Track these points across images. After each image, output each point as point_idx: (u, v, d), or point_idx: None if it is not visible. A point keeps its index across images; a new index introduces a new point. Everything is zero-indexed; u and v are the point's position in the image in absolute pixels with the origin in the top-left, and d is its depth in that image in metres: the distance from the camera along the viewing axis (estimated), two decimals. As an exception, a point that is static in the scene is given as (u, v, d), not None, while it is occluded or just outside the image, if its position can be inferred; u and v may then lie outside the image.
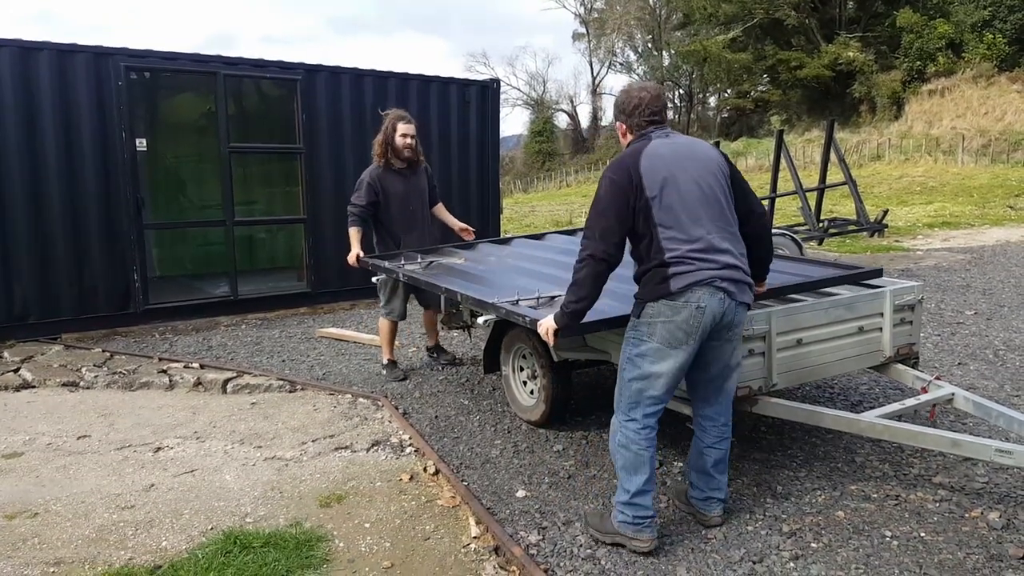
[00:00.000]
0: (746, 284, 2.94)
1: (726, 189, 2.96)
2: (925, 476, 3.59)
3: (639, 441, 2.93)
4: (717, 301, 2.82)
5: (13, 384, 5.45)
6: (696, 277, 2.80)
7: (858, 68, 33.97)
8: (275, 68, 7.78)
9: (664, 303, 2.83)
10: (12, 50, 6.37)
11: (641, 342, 2.90)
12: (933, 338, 6.20)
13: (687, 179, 2.86)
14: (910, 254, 11.75)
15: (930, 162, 27.51)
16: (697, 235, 2.83)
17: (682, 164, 2.89)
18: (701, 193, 2.87)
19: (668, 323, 2.83)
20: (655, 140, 2.95)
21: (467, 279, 4.57)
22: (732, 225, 2.96)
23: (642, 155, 2.88)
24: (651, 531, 2.97)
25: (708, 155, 3.00)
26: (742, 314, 2.97)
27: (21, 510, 3.43)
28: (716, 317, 2.84)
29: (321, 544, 3.10)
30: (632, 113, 3.02)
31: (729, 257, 2.87)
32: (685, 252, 2.81)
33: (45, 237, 6.63)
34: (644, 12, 52.32)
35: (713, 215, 2.88)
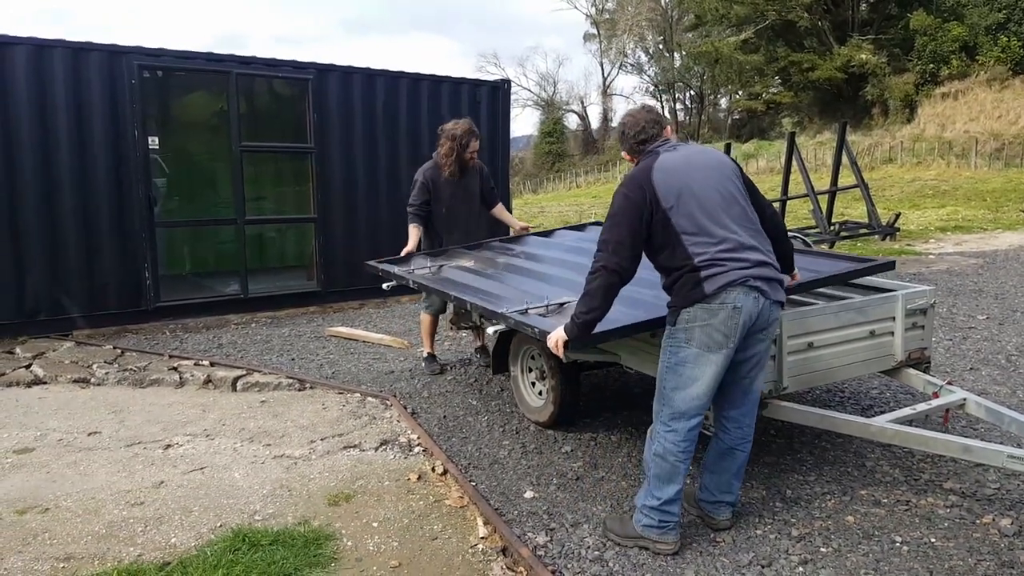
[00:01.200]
0: (778, 281, 2.95)
1: (743, 190, 3.00)
2: (936, 482, 3.56)
3: (677, 453, 2.93)
4: (752, 300, 2.82)
5: (25, 380, 5.49)
6: (729, 278, 2.80)
7: (871, 70, 33.78)
8: (287, 68, 7.81)
9: (700, 307, 2.82)
10: (27, 48, 6.41)
11: (680, 348, 2.89)
12: (945, 343, 6.16)
13: (703, 185, 2.89)
14: (922, 258, 11.67)
15: (943, 165, 27.32)
16: (723, 236, 2.84)
17: (695, 172, 2.92)
18: (720, 196, 2.90)
19: (706, 326, 2.82)
20: (663, 154, 2.98)
21: (477, 284, 4.54)
22: (756, 224, 2.98)
23: (653, 169, 2.91)
24: (676, 533, 3.00)
25: (720, 160, 3.05)
26: (776, 312, 2.97)
27: (32, 505, 3.46)
28: (752, 316, 2.85)
29: (329, 542, 3.11)
30: (635, 136, 3.08)
31: (758, 255, 2.88)
32: (715, 254, 2.82)
33: (57, 234, 6.68)
34: (655, 13, 52.20)
35: (736, 216, 2.90)
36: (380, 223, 8.23)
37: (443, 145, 5.28)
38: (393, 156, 8.38)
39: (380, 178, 8.33)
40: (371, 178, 8.28)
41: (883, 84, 33.75)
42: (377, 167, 8.31)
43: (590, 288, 2.91)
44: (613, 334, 3.27)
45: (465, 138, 5.24)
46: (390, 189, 8.31)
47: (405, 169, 8.25)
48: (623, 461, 3.91)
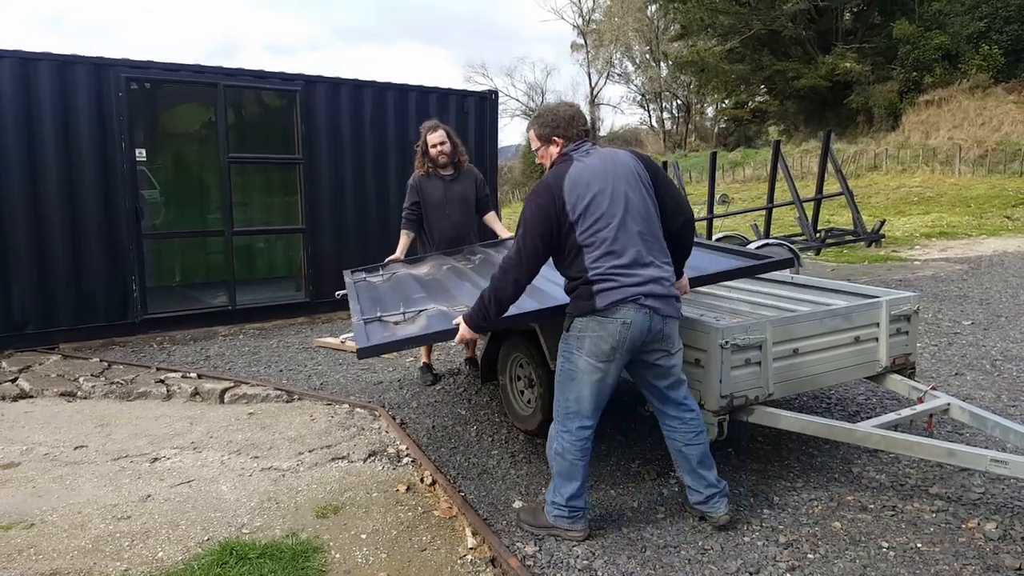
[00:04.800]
0: (672, 297, 3.03)
1: (650, 196, 3.05)
2: (922, 487, 3.59)
3: (574, 452, 3.08)
4: (643, 316, 2.92)
5: (11, 394, 5.44)
6: (620, 295, 2.90)
7: (855, 79, 34.09)
8: (275, 79, 7.82)
9: (592, 319, 2.94)
10: (12, 61, 6.39)
11: (572, 355, 3.03)
12: (930, 348, 6.21)
13: (610, 195, 2.95)
14: (907, 264, 11.78)
15: (927, 172, 27.56)
16: (621, 251, 2.93)
17: (604, 181, 2.97)
18: (625, 208, 2.96)
19: (596, 338, 2.94)
20: (576, 162, 3.03)
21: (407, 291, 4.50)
22: (657, 235, 3.05)
23: (565, 177, 2.98)
24: (584, 522, 3.17)
25: (627, 166, 3.06)
26: (671, 325, 3.05)
27: (17, 520, 3.43)
28: (643, 331, 2.95)
29: (317, 555, 3.10)
30: (568, 125, 3.12)
31: (653, 270, 2.97)
32: (607, 269, 2.92)
33: (44, 247, 6.64)
34: (642, 23, 52.53)
35: (638, 228, 2.97)
36: (369, 233, 8.24)
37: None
38: (381, 167, 8.39)
39: (368, 189, 8.33)
40: (359, 189, 8.28)
41: (867, 92, 34.04)
42: (365, 178, 8.32)
43: (501, 296, 3.03)
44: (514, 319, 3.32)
45: (424, 135, 5.24)
46: (378, 200, 8.32)
47: (393, 180, 8.27)
48: (612, 470, 3.92)
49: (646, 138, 54.94)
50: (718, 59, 38.90)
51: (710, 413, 3.35)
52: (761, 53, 38.58)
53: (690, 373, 3.43)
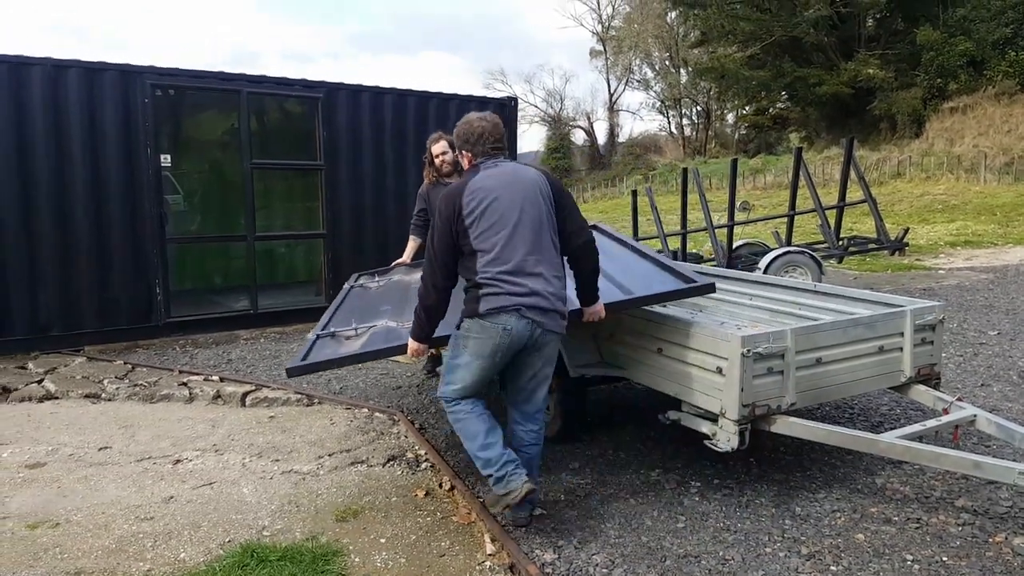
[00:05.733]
0: (555, 312, 3.13)
1: (548, 213, 3.17)
2: (947, 499, 3.54)
3: (462, 411, 3.23)
4: (523, 325, 3.06)
5: (37, 395, 5.53)
6: (502, 302, 3.04)
7: (878, 85, 33.78)
8: (298, 86, 7.90)
9: (477, 321, 3.09)
10: (44, 68, 6.52)
11: (458, 351, 3.20)
12: (955, 359, 6.12)
13: (506, 206, 3.09)
14: (932, 273, 11.63)
15: (952, 180, 27.22)
16: (508, 259, 3.06)
17: (503, 191, 3.11)
18: (519, 219, 3.09)
19: (479, 339, 3.10)
20: (483, 171, 3.19)
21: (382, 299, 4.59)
22: (550, 250, 3.16)
23: (467, 185, 3.14)
24: (517, 478, 3.09)
25: (531, 182, 3.18)
26: (548, 337, 3.16)
27: (43, 520, 3.48)
28: (523, 339, 3.08)
29: (337, 559, 3.11)
30: (477, 142, 3.26)
31: (539, 283, 3.07)
32: (494, 276, 3.05)
33: (70, 250, 6.75)
34: (661, 30, 52.47)
35: (529, 239, 3.09)
36: (388, 239, 8.28)
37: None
38: (401, 173, 8.44)
39: (388, 195, 8.39)
40: (379, 195, 8.34)
41: (890, 99, 33.71)
42: (385, 184, 8.37)
43: (428, 303, 3.21)
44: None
45: (429, 146, 5.43)
46: (397, 205, 8.36)
47: (412, 186, 8.29)
48: (631, 478, 3.90)
49: (665, 144, 54.82)
50: (738, 65, 38.72)
51: (731, 422, 3.32)
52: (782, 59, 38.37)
53: (711, 381, 3.41)
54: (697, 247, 14.01)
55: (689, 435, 3.79)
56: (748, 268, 9.49)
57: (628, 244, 4.72)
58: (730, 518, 3.42)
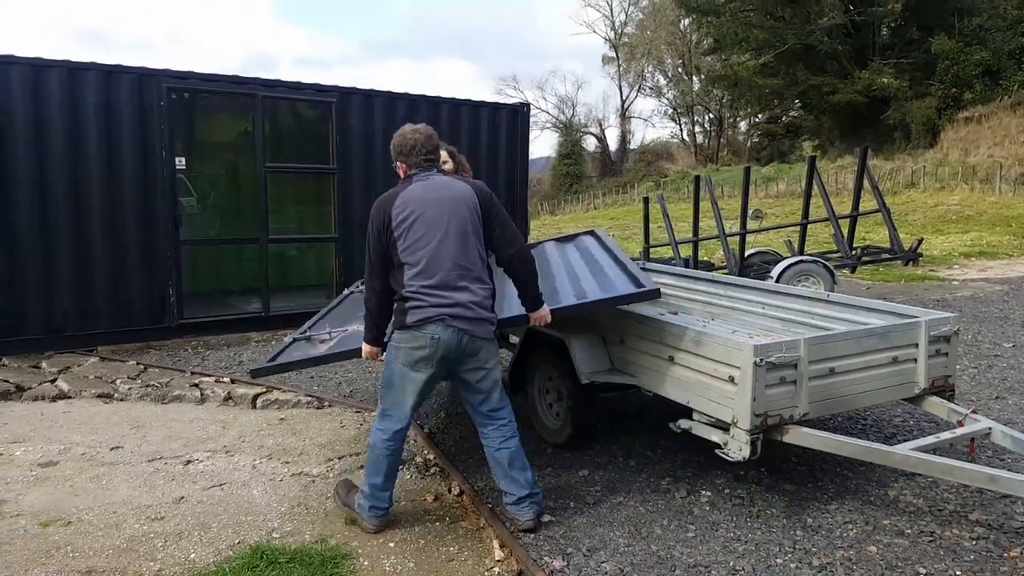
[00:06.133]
0: (483, 320, 3.25)
1: (476, 226, 3.27)
2: (961, 512, 3.51)
3: (383, 447, 3.35)
4: (450, 334, 3.17)
5: (50, 394, 5.57)
6: (427, 314, 3.16)
7: (892, 94, 33.60)
8: (311, 91, 7.94)
9: (406, 332, 3.21)
10: (62, 71, 6.58)
11: (391, 363, 3.31)
12: (969, 371, 6.07)
13: (433, 219, 3.20)
14: (946, 284, 11.54)
15: (966, 190, 27.00)
16: (432, 272, 3.17)
17: (431, 204, 3.22)
18: (444, 233, 3.19)
19: (409, 351, 3.22)
20: (414, 183, 3.31)
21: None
22: (476, 262, 3.26)
23: (397, 196, 3.25)
24: (380, 519, 3.38)
25: (461, 195, 3.28)
26: (479, 344, 3.27)
27: (55, 518, 3.50)
28: (451, 348, 3.19)
29: (346, 561, 3.11)
30: (410, 153, 3.38)
31: (463, 295, 3.19)
32: (419, 288, 3.17)
33: (85, 250, 6.80)
34: (674, 37, 52.47)
35: (454, 253, 3.20)
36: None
37: None
38: (414, 177, 8.45)
39: (401, 199, 8.39)
40: (392, 199, 8.35)
41: (905, 108, 33.53)
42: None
43: (369, 307, 3.37)
44: None
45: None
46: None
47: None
48: (641, 486, 3.89)
49: (677, 152, 54.74)
50: (751, 73, 38.61)
51: (743, 432, 3.30)
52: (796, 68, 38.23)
53: (723, 390, 3.39)
54: (709, 255, 13.97)
55: (700, 444, 3.77)
56: (760, 277, 9.45)
57: (611, 250, 4.72)
58: (741, 528, 3.40)
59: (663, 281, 6.09)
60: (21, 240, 6.53)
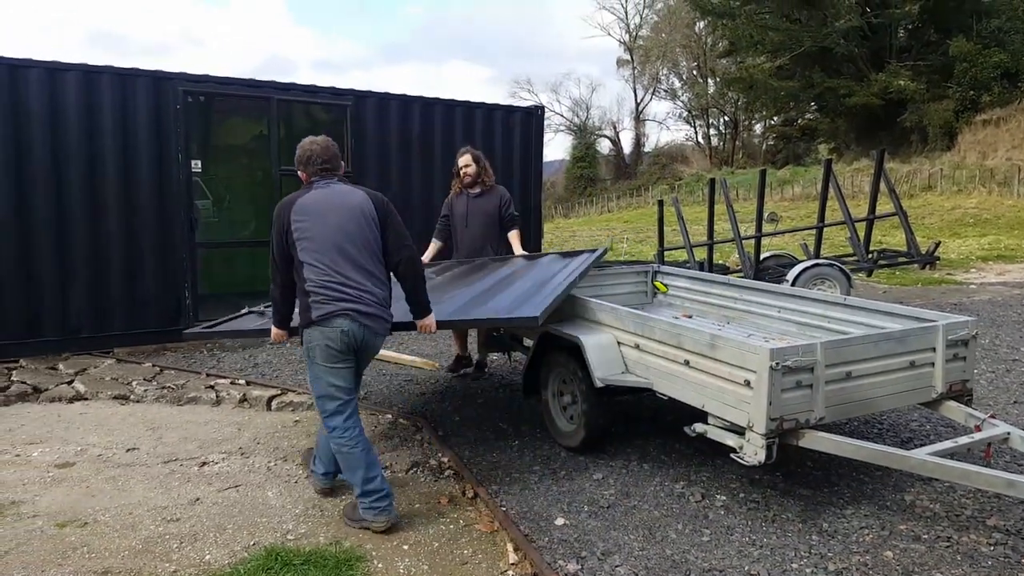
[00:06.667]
0: (380, 317, 3.49)
1: (371, 232, 3.50)
2: (979, 518, 3.46)
3: (347, 443, 3.43)
4: (356, 327, 3.39)
5: (67, 396, 5.62)
6: (330, 308, 3.36)
7: (909, 97, 33.33)
8: (326, 94, 7.98)
9: (315, 329, 3.39)
10: (77, 73, 6.65)
11: (313, 364, 3.46)
12: (987, 375, 6.00)
13: (330, 224, 3.43)
14: (963, 288, 11.42)
15: (984, 194, 26.73)
16: (335, 269, 3.39)
17: (328, 209, 3.46)
18: (342, 234, 3.42)
19: (324, 346, 3.38)
20: (314, 190, 3.55)
21: None
22: (372, 264, 3.49)
23: (297, 201, 3.49)
24: (387, 514, 3.42)
25: (355, 201, 3.52)
26: (376, 340, 3.54)
27: (71, 519, 3.53)
28: (358, 339, 3.42)
29: (360, 564, 3.12)
30: (307, 163, 3.63)
31: (361, 291, 3.41)
32: (323, 283, 3.38)
33: (101, 254, 6.85)
34: (689, 39, 52.33)
35: (351, 255, 3.43)
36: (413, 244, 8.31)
37: None
38: (427, 180, 8.48)
39: (414, 202, 8.43)
40: (405, 202, 8.37)
41: (922, 111, 33.25)
42: (411, 191, 8.42)
43: (274, 298, 3.63)
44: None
45: (457, 158, 5.94)
46: (424, 213, 8.39)
47: (438, 194, 8.33)
48: (655, 490, 3.87)
49: (692, 154, 54.55)
50: (767, 76, 38.43)
51: (758, 436, 3.28)
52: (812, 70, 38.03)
53: (739, 394, 3.37)
54: (724, 258, 13.90)
55: (715, 448, 3.75)
56: (776, 280, 9.39)
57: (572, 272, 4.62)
58: (756, 532, 3.38)
59: (678, 284, 6.07)
60: (38, 242, 6.59)
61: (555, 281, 4.39)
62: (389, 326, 3.59)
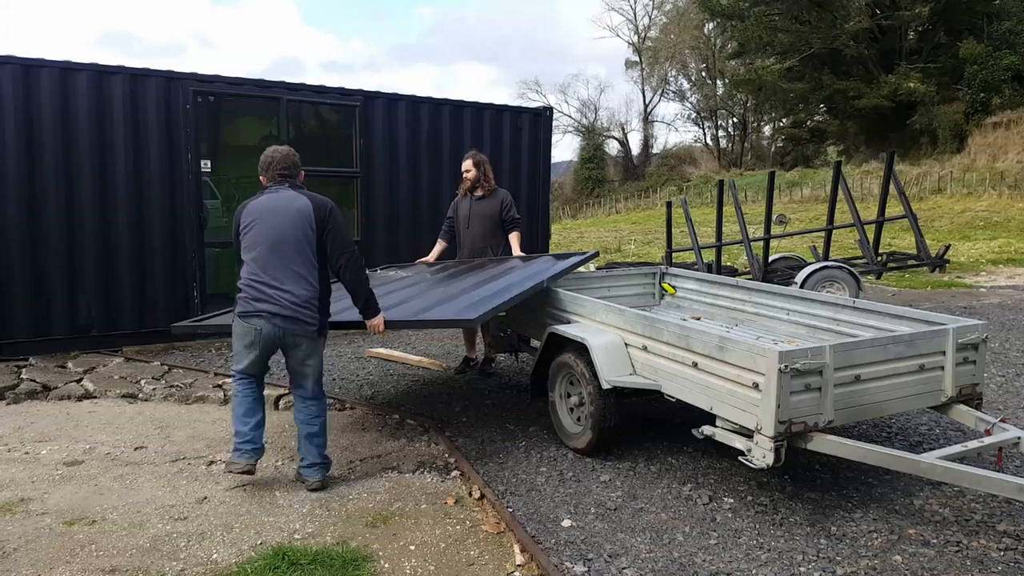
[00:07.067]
0: (298, 320, 3.73)
1: (308, 236, 3.77)
2: (988, 523, 3.44)
3: (236, 389, 3.91)
4: (269, 327, 3.70)
5: (76, 394, 5.65)
6: (247, 307, 3.73)
7: (919, 99, 33.18)
8: (335, 95, 8.00)
9: (237, 321, 3.79)
10: (90, 73, 6.68)
11: (234, 340, 3.87)
12: (997, 379, 5.96)
13: (268, 226, 3.74)
14: (973, 291, 11.36)
15: (994, 196, 26.59)
16: (260, 271, 3.71)
17: (268, 213, 3.78)
18: (276, 238, 3.72)
19: (239, 335, 3.80)
20: (265, 194, 3.89)
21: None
22: (303, 267, 3.75)
23: (248, 204, 3.87)
24: (239, 456, 3.78)
25: (296, 206, 3.80)
26: (298, 340, 3.78)
27: (80, 517, 3.54)
28: (271, 338, 3.74)
29: (367, 564, 3.12)
30: (267, 169, 3.97)
31: (282, 294, 3.69)
32: (247, 283, 3.74)
33: (110, 252, 6.88)
34: (698, 41, 52.24)
35: (282, 256, 3.71)
36: (421, 245, 8.28)
37: None
38: (435, 181, 8.49)
39: (422, 202, 8.44)
40: (414, 202, 8.39)
41: (931, 113, 33.10)
42: (420, 191, 8.43)
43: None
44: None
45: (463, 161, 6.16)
46: (432, 213, 8.41)
47: (446, 194, 8.35)
48: (663, 492, 3.86)
49: (700, 156, 54.42)
50: (776, 77, 38.33)
51: (767, 439, 3.27)
52: (821, 72, 37.92)
53: (747, 397, 3.36)
54: (732, 260, 13.86)
55: (723, 450, 3.74)
56: (784, 283, 9.35)
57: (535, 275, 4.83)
58: (764, 536, 3.36)
59: (686, 286, 6.06)
60: (48, 241, 6.63)
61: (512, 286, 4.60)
62: (313, 327, 3.80)
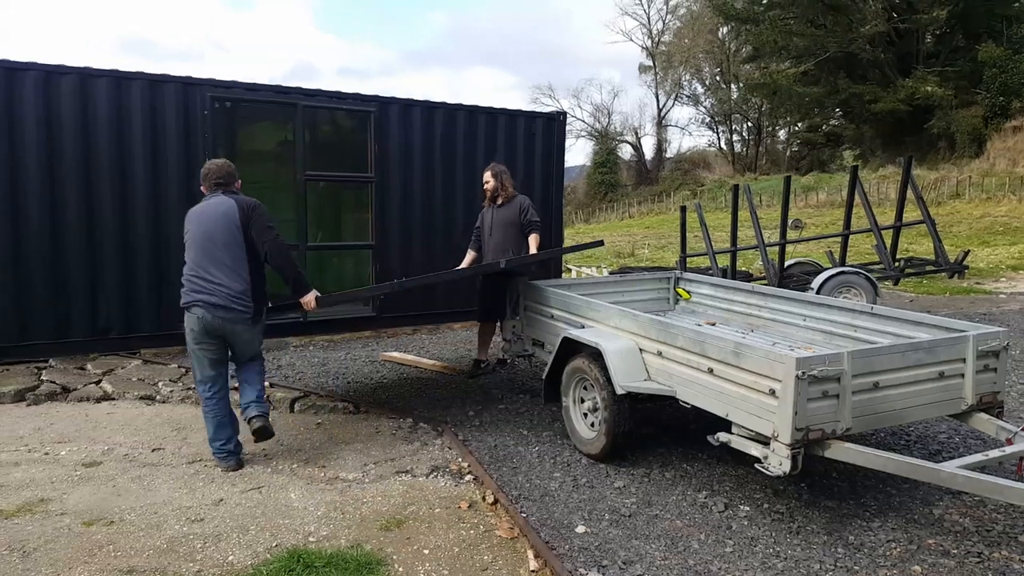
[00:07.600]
0: (233, 308, 4.16)
1: (235, 234, 4.22)
2: (1010, 534, 3.39)
3: (205, 406, 4.31)
4: (210, 316, 4.14)
5: (95, 395, 5.70)
6: (189, 298, 4.20)
7: (936, 103, 32.86)
8: (351, 100, 8.02)
9: (186, 314, 4.25)
10: (109, 79, 6.75)
11: (187, 340, 4.27)
12: (1018, 387, 5.89)
13: (201, 227, 4.27)
14: (993, 297, 11.23)
15: (1014, 201, 26.26)
16: (196, 266, 4.22)
17: (203, 216, 4.30)
18: (208, 237, 4.21)
19: (188, 327, 4.24)
20: (203, 200, 4.46)
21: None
22: (235, 260, 4.22)
23: (190, 211, 4.44)
24: (229, 460, 4.25)
25: (223, 209, 4.28)
26: (234, 326, 4.22)
27: (98, 517, 3.57)
28: (212, 326, 4.16)
29: (381, 567, 3.12)
30: (205, 178, 4.58)
31: (216, 286, 4.15)
32: (187, 277, 4.26)
33: (130, 255, 6.92)
34: (712, 45, 52.04)
35: (212, 252, 4.20)
36: (435, 251, 8.32)
37: None
38: (449, 186, 8.48)
39: (436, 207, 8.43)
40: (428, 207, 8.39)
41: (949, 117, 32.76)
42: (434, 197, 8.42)
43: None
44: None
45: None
46: (445, 218, 8.40)
47: (460, 199, 8.35)
48: (678, 499, 3.84)
49: (714, 160, 54.16)
50: (791, 82, 38.07)
51: (783, 446, 3.24)
52: (837, 76, 37.65)
53: (764, 404, 3.34)
54: (747, 265, 13.79)
55: (738, 458, 3.72)
56: (800, 288, 9.29)
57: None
58: (780, 544, 3.33)
59: (701, 291, 6.03)
60: (68, 244, 6.68)
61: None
62: (247, 315, 4.22)
